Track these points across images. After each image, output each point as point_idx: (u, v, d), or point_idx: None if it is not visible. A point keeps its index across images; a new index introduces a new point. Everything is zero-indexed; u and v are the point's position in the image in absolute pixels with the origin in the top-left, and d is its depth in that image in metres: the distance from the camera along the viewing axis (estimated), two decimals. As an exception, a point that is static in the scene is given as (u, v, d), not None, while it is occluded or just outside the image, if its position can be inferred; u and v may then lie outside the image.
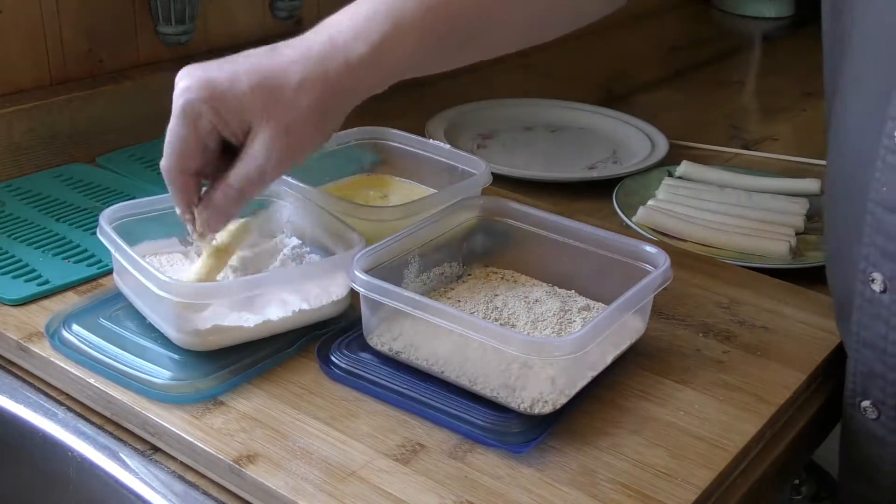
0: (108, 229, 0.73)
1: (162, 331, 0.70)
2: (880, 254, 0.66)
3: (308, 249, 0.79)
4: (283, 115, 0.66)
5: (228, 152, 0.69)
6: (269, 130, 0.66)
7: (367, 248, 0.70)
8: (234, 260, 0.76)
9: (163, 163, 0.68)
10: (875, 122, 0.64)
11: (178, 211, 0.70)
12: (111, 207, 0.76)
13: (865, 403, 0.70)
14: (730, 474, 0.64)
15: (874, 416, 0.69)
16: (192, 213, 0.69)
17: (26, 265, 0.81)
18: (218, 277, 0.74)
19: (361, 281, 0.67)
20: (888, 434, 0.69)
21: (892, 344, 0.67)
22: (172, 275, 0.74)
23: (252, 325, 0.70)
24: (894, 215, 0.64)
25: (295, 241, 0.80)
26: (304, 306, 0.71)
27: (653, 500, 0.59)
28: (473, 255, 0.80)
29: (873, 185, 0.65)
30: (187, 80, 0.67)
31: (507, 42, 0.77)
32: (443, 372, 0.67)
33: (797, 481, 1.19)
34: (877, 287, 0.66)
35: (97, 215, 0.90)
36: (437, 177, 0.89)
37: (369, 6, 0.69)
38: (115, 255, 0.72)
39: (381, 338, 0.69)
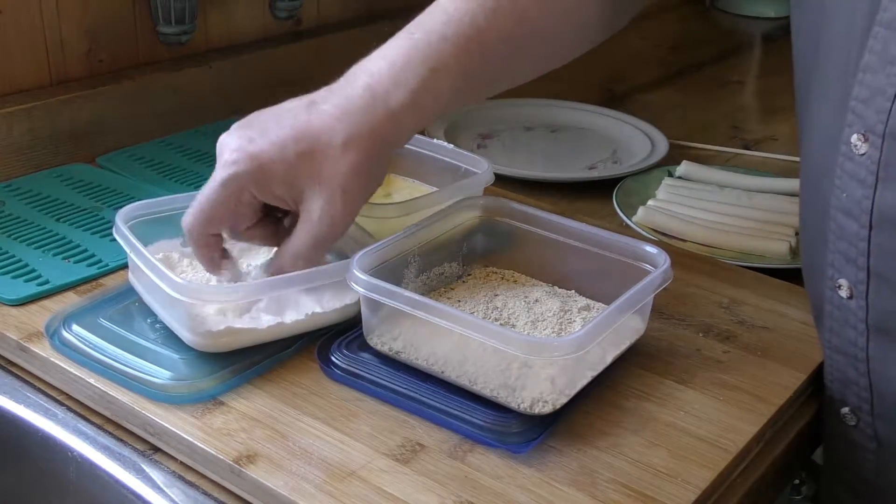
0: (124, 229, 0.73)
1: (175, 331, 0.70)
2: (844, 259, 0.66)
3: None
4: (332, 178, 0.67)
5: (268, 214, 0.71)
6: (324, 195, 0.67)
7: (367, 249, 0.70)
8: (257, 262, 0.76)
9: (187, 220, 0.69)
10: (836, 130, 0.65)
11: (203, 265, 0.72)
12: (127, 207, 0.76)
13: (845, 410, 0.70)
14: (730, 474, 0.64)
15: (853, 423, 0.70)
16: (217, 268, 0.71)
17: (26, 265, 0.81)
18: (244, 279, 0.74)
19: (361, 281, 0.67)
20: (866, 441, 0.69)
21: (861, 350, 0.67)
22: (194, 275, 0.75)
23: (265, 327, 0.70)
24: (854, 222, 0.64)
25: None
26: (318, 309, 0.71)
27: (653, 500, 0.59)
28: (473, 255, 0.80)
29: (834, 192, 0.65)
30: (233, 154, 0.67)
31: (535, 70, 0.79)
32: (443, 372, 0.67)
33: (797, 481, 1.19)
34: (843, 293, 0.66)
35: (97, 215, 0.90)
36: (441, 176, 0.90)
37: (404, 52, 0.70)
38: (131, 255, 0.72)
39: (381, 338, 0.69)
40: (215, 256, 0.71)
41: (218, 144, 0.69)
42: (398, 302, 0.65)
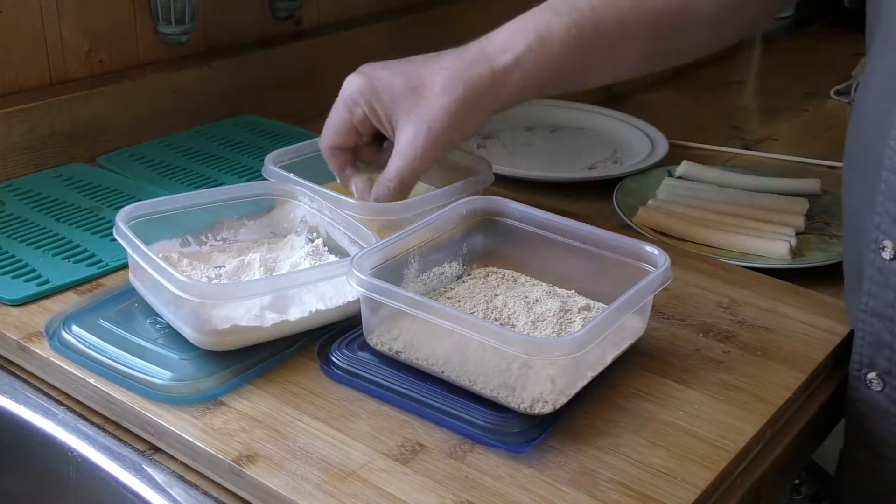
0: (124, 229, 0.73)
1: (179, 330, 0.70)
2: (891, 220, 0.66)
3: (326, 249, 0.79)
4: (423, 114, 0.76)
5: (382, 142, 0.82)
6: (412, 128, 0.76)
7: (367, 248, 0.70)
8: (255, 262, 0.76)
9: (320, 142, 0.82)
10: (894, 88, 0.65)
11: (337, 178, 0.83)
12: (126, 207, 0.76)
13: (871, 375, 0.71)
14: (730, 474, 0.64)
15: (879, 388, 0.70)
16: (348, 177, 0.82)
17: (26, 265, 0.81)
18: (243, 277, 0.75)
19: (360, 281, 0.67)
20: (892, 405, 0.69)
21: None
22: (192, 274, 0.75)
23: (270, 325, 0.70)
24: None
25: (317, 241, 0.80)
26: (321, 307, 0.71)
27: (653, 500, 0.59)
28: (473, 255, 0.80)
29: (888, 153, 0.65)
30: (356, 75, 0.80)
31: (639, 65, 0.85)
32: (443, 372, 0.67)
33: (797, 481, 1.19)
34: (887, 255, 0.67)
35: (97, 215, 0.90)
36: (441, 176, 0.90)
37: (520, 22, 0.79)
38: (133, 254, 0.72)
39: (381, 338, 0.69)
40: (344, 169, 0.82)
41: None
42: (397, 302, 0.65)
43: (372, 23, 1.31)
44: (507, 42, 0.78)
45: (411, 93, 0.76)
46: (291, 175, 0.83)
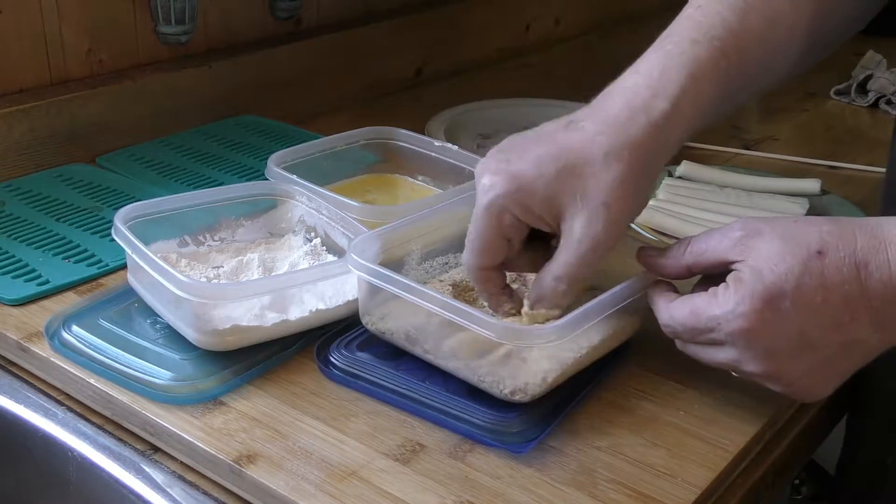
0: (123, 229, 0.73)
1: (180, 331, 0.70)
2: None
3: (325, 248, 0.79)
4: (596, 193, 0.63)
5: (536, 239, 0.67)
6: (585, 212, 0.63)
7: (369, 233, 0.71)
8: (254, 262, 0.77)
9: (465, 259, 0.67)
10: None
11: (486, 304, 0.69)
12: (125, 207, 0.76)
13: (871, 374, 0.69)
14: (730, 474, 0.64)
15: (881, 387, 0.68)
16: (498, 305, 0.68)
17: (26, 265, 0.81)
18: (242, 277, 0.75)
19: (356, 263, 0.67)
20: (894, 405, 0.68)
21: None
22: (191, 274, 0.75)
23: (270, 324, 0.70)
24: None
25: (315, 240, 0.80)
26: (321, 306, 0.72)
27: (653, 500, 0.59)
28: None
29: None
30: (492, 177, 0.64)
31: (781, 76, 0.74)
32: (426, 353, 0.67)
33: (797, 481, 1.19)
34: None
35: (97, 215, 0.90)
36: (444, 177, 0.90)
37: (659, 63, 0.66)
38: (133, 255, 0.72)
39: (371, 317, 0.70)
40: (495, 293, 0.68)
41: (476, 171, 0.66)
42: (385, 283, 0.66)
43: (372, 23, 1.31)
44: (655, 87, 0.65)
45: (569, 173, 0.63)
46: (294, 176, 0.83)
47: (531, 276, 0.73)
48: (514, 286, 0.71)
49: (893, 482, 0.79)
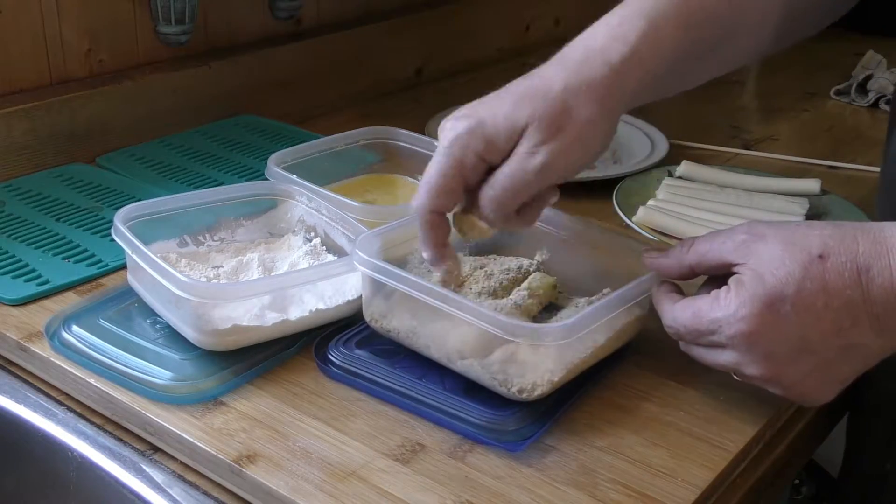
0: (123, 229, 0.73)
1: (180, 331, 0.70)
2: None
3: (325, 248, 0.79)
4: (550, 117, 0.63)
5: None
6: (539, 133, 0.63)
7: (373, 231, 0.71)
8: (253, 262, 0.76)
9: (416, 202, 0.65)
10: None
11: (424, 255, 0.67)
12: (125, 208, 0.76)
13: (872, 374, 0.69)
14: (730, 474, 0.64)
15: (881, 387, 0.68)
16: (440, 257, 0.67)
17: (26, 265, 0.81)
18: (242, 277, 0.75)
19: (361, 259, 0.67)
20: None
21: None
22: (191, 274, 0.75)
23: (270, 324, 0.70)
24: None
25: (315, 240, 0.80)
26: (321, 305, 0.72)
27: (653, 500, 0.59)
28: (483, 250, 0.79)
29: None
30: (453, 122, 0.65)
31: (752, 48, 0.74)
32: (428, 347, 0.67)
33: (797, 481, 1.19)
34: None
35: (97, 215, 0.90)
36: None
37: (621, 11, 0.66)
38: (132, 255, 0.72)
39: (374, 314, 0.70)
40: (440, 243, 0.66)
41: (438, 128, 0.66)
42: (390, 279, 0.66)
43: (372, 23, 1.31)
44: (613, 32, 0.65)
45: (527, 102, 0.63)
46: (294, 176, 0.83)
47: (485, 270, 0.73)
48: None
49: (892, 489, 0.79)
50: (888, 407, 0.79)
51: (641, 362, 0.72)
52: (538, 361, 0.64)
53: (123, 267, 0.80)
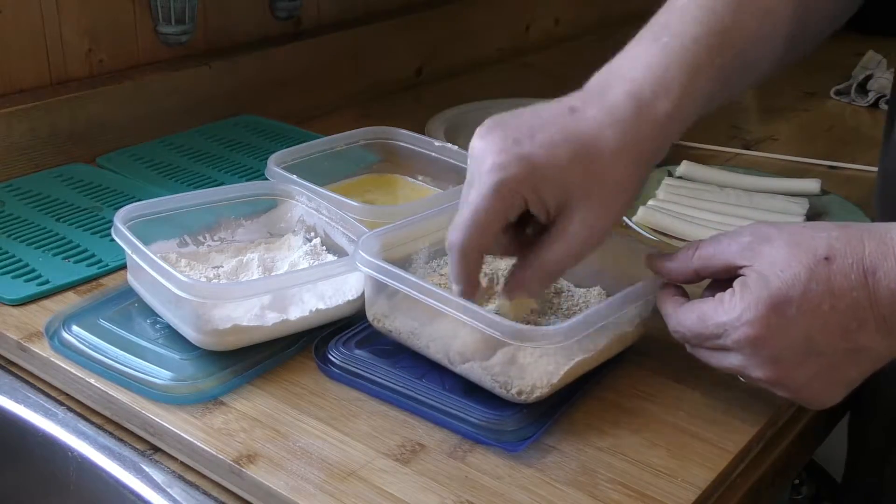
0: (123, 229, 0.73)
1: (180, 331, 0.70)
2: None
3: (325, 248, 0.79)
4: (600, 191, 0.61)
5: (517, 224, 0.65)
6: (590, 208, 0.61)
7: (375, 231, 0.71)
8: (253, 262, 0.76)
9: (455, 237, 0.62)
10: None
11: (454, 288, 0.64)
12: (125, 208, 0.76)
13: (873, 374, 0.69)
14: (730, 474, 0.64)
15: (882, 387, 0.68)
16: (472, 293, 0.64)
17: (26, 265, 0.81)
18: (242, 277, 0.75)
19: (363, 260, 0.67)
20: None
21: None
22: (191, 274, 0.75)
23: (270, 324, 0.70)
24: None
25: (315, 240, 0.80)
26: (321, 305, 0.72)
27: (653, 500, 0.59)
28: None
29: None
30: (501, 157, 0.61)
31: (764, 73, 0.73)
32: (428, 347, 0.67)
33: (797, 481, 1.19)
34: None
35: (97, 215, 0.90)
36: (444, 177, 0.90)
37: (659, 57, 0.64)
38: (132, 255, 0.72)
39: (376, 314, 0.70)
40: (473, 278, 0.64)
41: (473, 148, 0.63)
42: (393, 280, 0.66)
43: (372, 23, 1.31)
44: (657, 84, 0.62)
45: (580, 162, 0.61)
46: (294, 176, 0.83)
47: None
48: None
49: (891, 492, 0.79)
50: (887, 408, 0.79)
51: (642, 362, 0.72)
52: (538, 364, 0.64)
53: (123, 267, 0.80)
